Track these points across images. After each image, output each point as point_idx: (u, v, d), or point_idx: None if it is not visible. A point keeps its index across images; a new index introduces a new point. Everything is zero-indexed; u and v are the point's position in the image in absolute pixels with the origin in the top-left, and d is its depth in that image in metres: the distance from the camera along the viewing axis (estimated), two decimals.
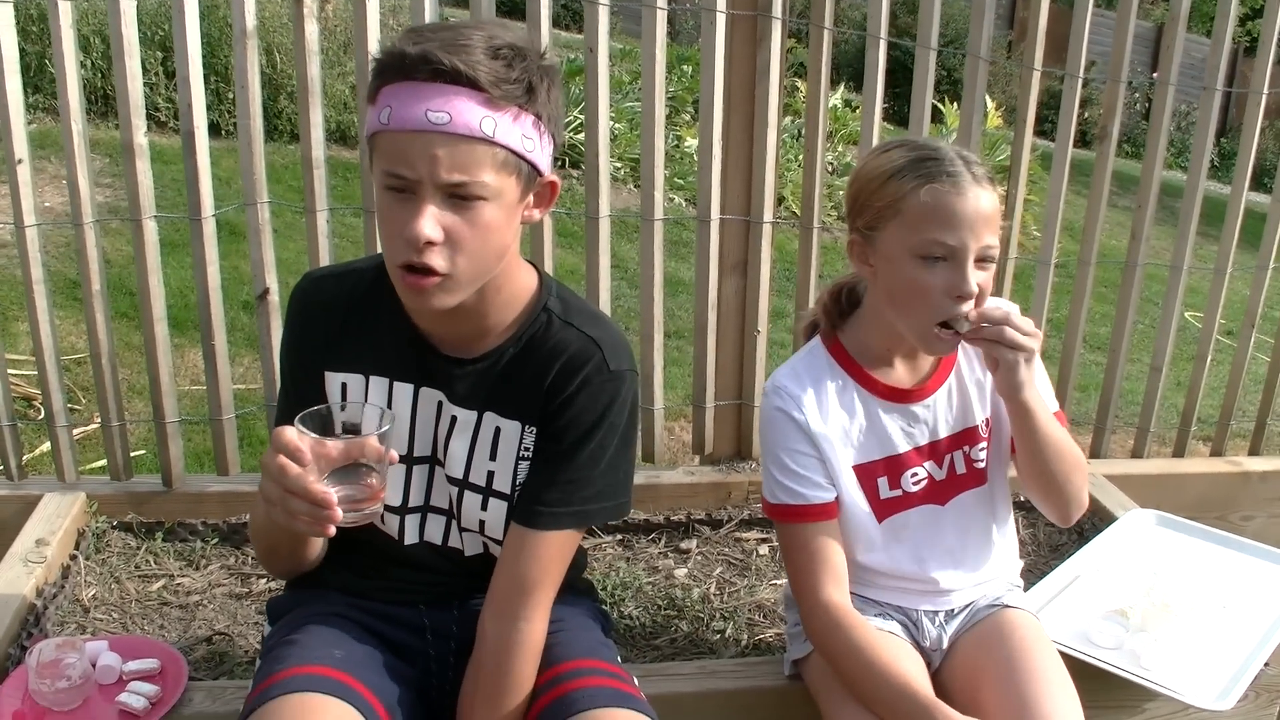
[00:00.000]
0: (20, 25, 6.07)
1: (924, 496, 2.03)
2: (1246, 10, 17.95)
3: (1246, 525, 3.32)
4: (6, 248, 4.77)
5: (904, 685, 1.81)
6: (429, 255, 1.50)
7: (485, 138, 1.48)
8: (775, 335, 4.37)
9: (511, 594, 1.69)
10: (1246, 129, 3.22)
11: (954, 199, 1.79)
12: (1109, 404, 3.36)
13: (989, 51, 2.88)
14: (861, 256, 1.90)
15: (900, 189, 1.81)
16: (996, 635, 2.02)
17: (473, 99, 1.46)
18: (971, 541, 2.08)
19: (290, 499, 1.44)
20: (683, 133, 7.89)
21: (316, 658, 1.65)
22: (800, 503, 1.93)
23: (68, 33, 2.48)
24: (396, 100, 1.47)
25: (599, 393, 1.69)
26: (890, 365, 1.99)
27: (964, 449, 2.05)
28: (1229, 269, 3.32)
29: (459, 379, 1.71)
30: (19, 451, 2.80)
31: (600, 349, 1.69)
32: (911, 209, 1.80)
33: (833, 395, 1.97)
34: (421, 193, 1.48)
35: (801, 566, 1.94)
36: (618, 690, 1.68)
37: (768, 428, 1.97)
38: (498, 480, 1.74)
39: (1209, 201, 3.33)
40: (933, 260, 1.80)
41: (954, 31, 12.46)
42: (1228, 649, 2.26)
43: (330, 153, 2.77)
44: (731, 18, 2.76)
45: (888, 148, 1.89)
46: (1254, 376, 4.36)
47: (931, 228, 1.79)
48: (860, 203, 1.88)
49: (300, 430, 1.45)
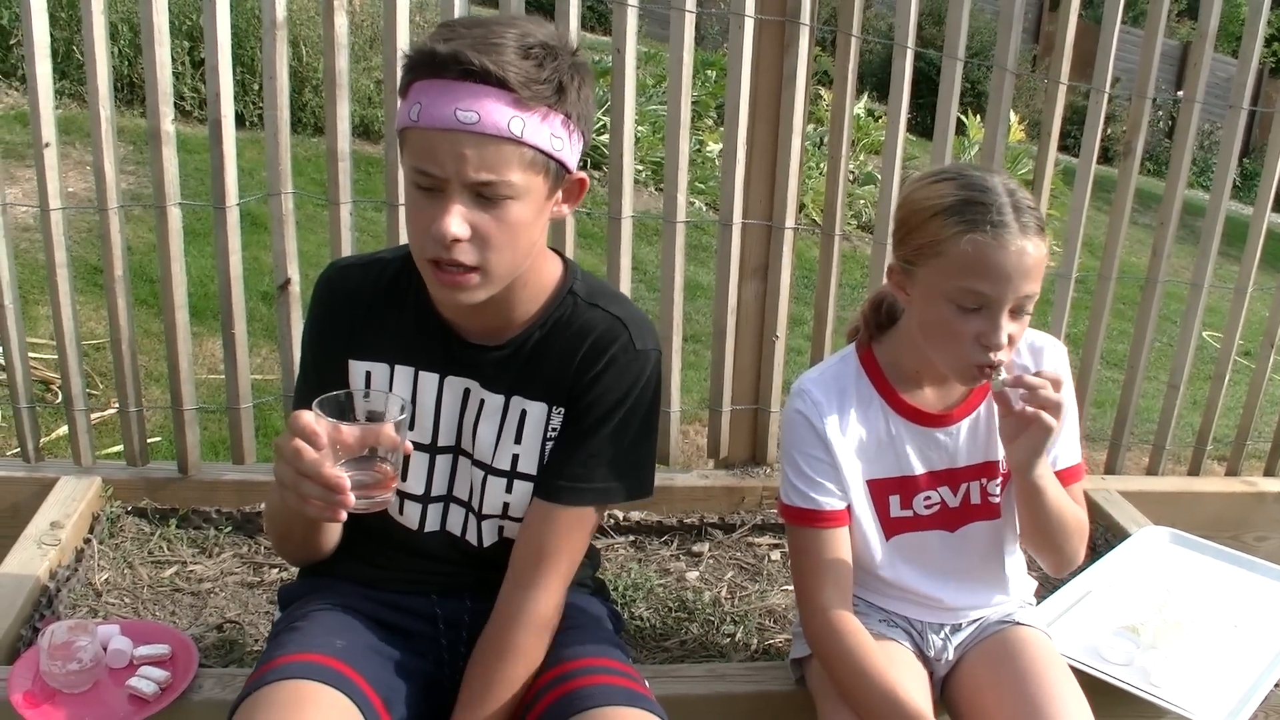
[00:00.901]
0: (50, 11, 6.13)
1: (935, 522, 2.02)
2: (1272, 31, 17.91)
3: (1260, 546, 3.30)
4: (29, 232, 4.80)
5: (892, 694, 1.80)
6: (456, 251, 1.51)
7: (513, 138, 1.48)
8: (793, 342, 4.37)
9: (527, 564, 1.71)
10: (1271, 149, 3.21)
11: (995, 252, 1.73)
12: (1125, 420, 3.36)
13: (1015, 64, 2.88)
14: (899, 284, 1.88)
15: (943, 230, 1.76)
16: (1007, 651, 2.00)
17: (502, 99, 1.47)
18: (980, 568, 2.07)
19: (303, 482, 1.44)
20: (705, 137, 7.90)
21: (317, 646, 1.66)
22: (811, 507, 1.92)
23: (99, 18, 2.50)
24: (426, 98, 1.48)
25: (625, 371, 1.71)
26: (919, 387, 1.98)
27: (981, 481, 2.02)
28: (1249, 289, 3.31)
29: (486, 365, 1.72)
30: (36, 434, 2.81)
31: (627, 328, 1.72)
32: (952, 253, 1.75)
33: (857, 407, 1.95)
34: (449, 190, 1.49)
35: (805, 570, 1.94)
36: (628, 689, 1.68)
37: (787, 428, 1.96)
38: (522, 463, 1.75)
39: (1230, 221, 3.32)
40: (967, 309, 1.77)
41: (979, 44, 12.44)
42: (1238, 668, 2.25)
43: (354, 147, 2.78)
44: (759, 23, 2.76)
45: (939, 178, 1.83)
46: (1270, 398, 4.35)
47: (969, 277, 1.75)
48: (903, 233, 1.85)
49: (318, 414, 1.46)
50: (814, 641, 1.93)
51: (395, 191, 2.69)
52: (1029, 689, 1.89)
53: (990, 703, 1.94)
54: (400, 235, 2.71)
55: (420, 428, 1.75)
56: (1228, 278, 3.36)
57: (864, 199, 7.63)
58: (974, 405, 2.00)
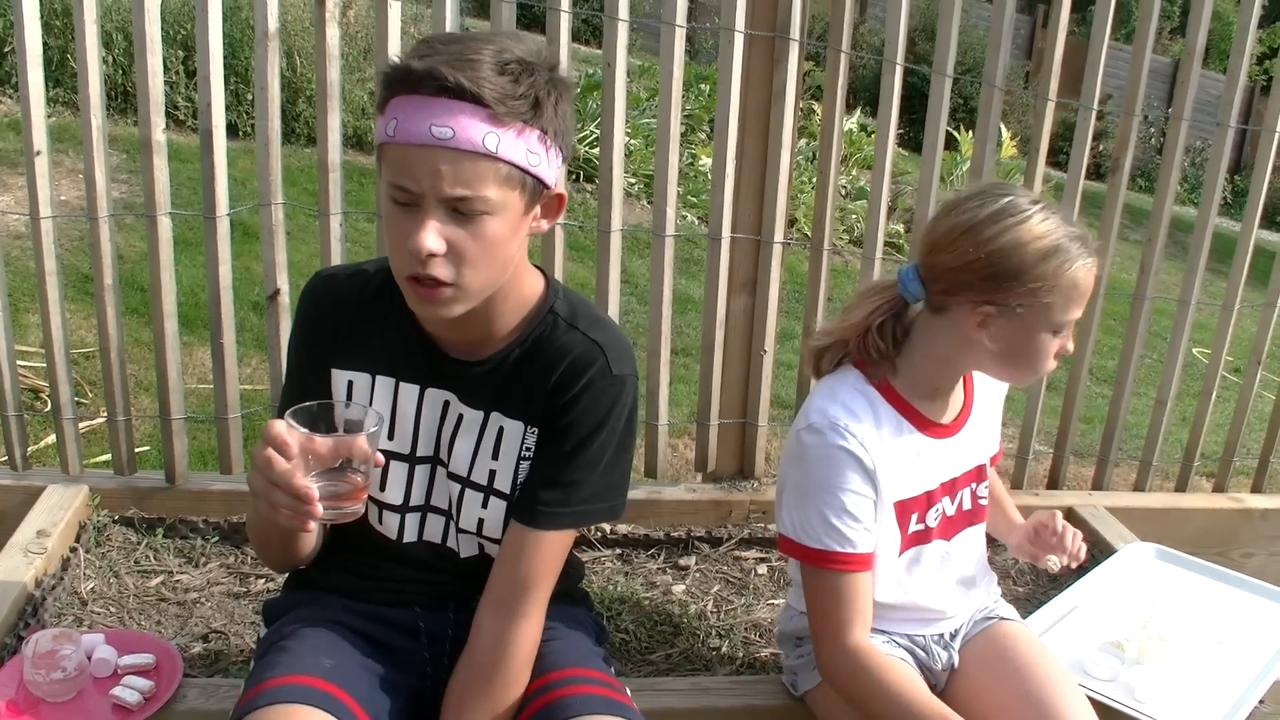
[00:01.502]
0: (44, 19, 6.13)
1: (938, 532, 2.03)
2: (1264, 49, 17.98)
3: (1247, 562, 3.31)
4: (21, 239, 4.79)
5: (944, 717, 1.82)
6: (432, 267, 1.51)
7: (488, 153, 1.48)
8: (784, 356, 4.38)
9: (510, 591, 1.71)
10: (1258, 166, 3.23)
11: (1093, 275, 1.85)
12: (1113, 436, 3.36)
13: (1004, 80, 2.89)
14: (983, 323, 1.85)
15: (1062, 268, 1.80)
16: (998, 650, 2.05)
17: (476, 115, 1.47)
18: (971, 572, 2.12)
19: (273, 491, 1.45)
20: (697, 151, 7.92)
21: (306, 667, 1.66)
22: (848, 551, 1.87)
23: (91, 27, 2.50)
24: (403, 114, 1.48)
25: (601, 396, 1.70)
26: (932, 400, 1.98)
27: (973, 486, 2.07)
28: (1237, 305, 3.32)
29: (466, 379, 1.72)
30: (24, 442, 2.81)
31: (604, 353, 1.71)
32: (1066, 287, 1.81)
33: (888, 431, 1.92)
34: (425, 205, 1.49)
35: (830, 611, 1.91)
36: (608, 698, 1.68)
37: (824, 467, 1.88)
38: (499, 480, 1.75)
39: (1221, 238, 3.33)
40: (1059, 333, 1.87)
41: (972, 60, 12.49)
42: (1223, 684, 2.25)
43: (347, 158, 2.79)
44: (749, 38, 2.77)
45: (1026, 214, 1.82)
46: (1259, 414, 4.36)
47: (1078, 306, 1.85)
48: (1009, 276, 1.81)
49: (290, 425, 1.46)
50: (844, 680, 1.91)
51: (384, 202, 2.69)
52: (1031, 688, 1.93)
53: (994, 700, 1.97)
54: None
55: (400, 438, 1.76)
56: (1218, 294, 3.37)
57: (856, 214, 7.65)
58: (968, 412, 2.04)
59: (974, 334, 1.86)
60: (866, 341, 1.94)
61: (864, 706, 1.90)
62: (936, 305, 1.90)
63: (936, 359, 1.94)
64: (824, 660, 1.93)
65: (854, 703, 1.92)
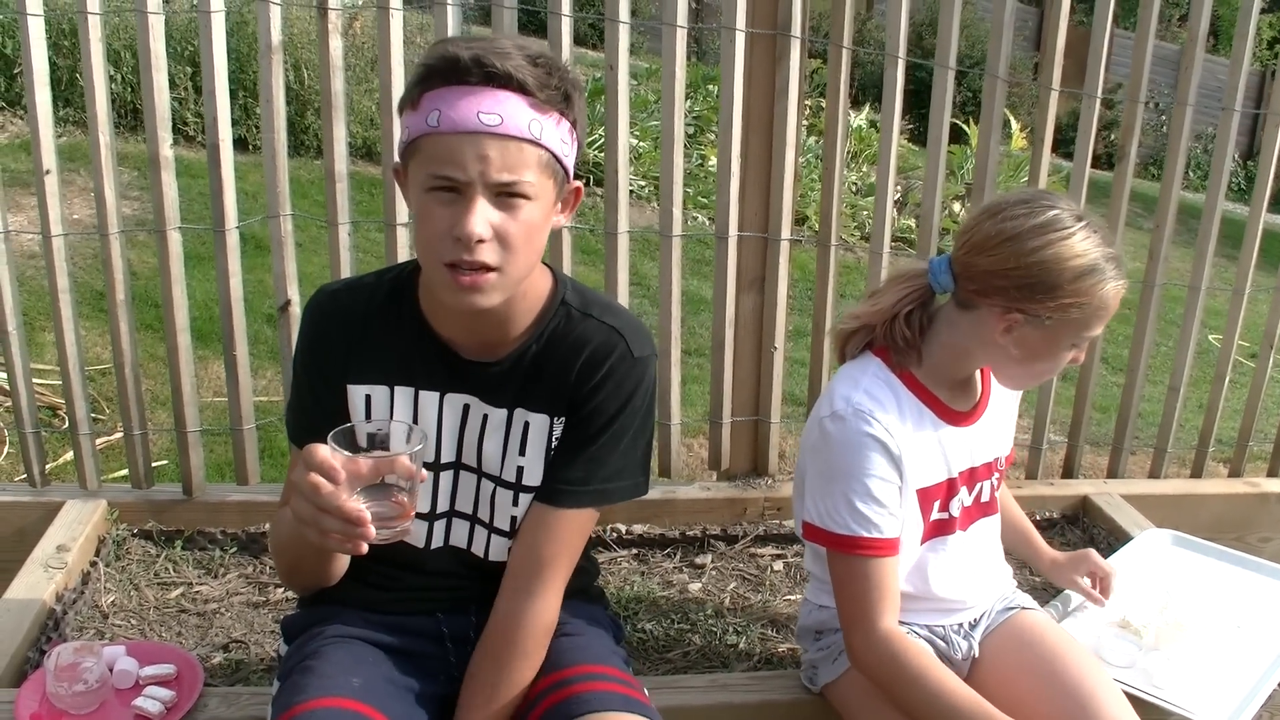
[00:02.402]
0: (52, 40, 6.19)
1: (959, 522, 2.05)
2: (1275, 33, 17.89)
3: (1265, 547, 3.30)
4: (35, 259, 4.83)
5: (978, 707, 1.82)
6: (480, 252, 1.54)
7: (533, 139, 1.53)
8: (796, 353, 4.38)
9: (527, 570, 1.73)
10: (1265, 150, 3.22)
11: (1120, 297, 1.89)
12: (1127, 424, 3.36)
13: (1007, 71, 2.89)
14: (1009, 328, 1.87)
15: (1096, 287, 1.83)
16: (1024, 639, 2.06)
17: (523, 101, 1.52)
18: (989, 561, 2.14)
19: (323, 517, 1.42)
20: (707, 151, 7.92)
21: (334, 688, 1.66)
22: (876, 536, 1.89)
23: (96, 45, 2.53)
24: (445, 103, 1.51)
25: (625, 380, 1.73)
26: (951, 390, 2.01)
27: (991, 480, 2.10)
28: (1248, 289, 3.31)
29: (486, 380, 1.74)
30: (42, 459, 2.83)
31: (624, 337, 1.74)
32: (1096, 305, 1.85)
33: (910, 419, 1.94)
34: (470, 193, 1.52)
35: (858, 596, 1.91)
36: (625, 695, 1.69)
37: (850, 454, 1.89)
38: (527, 475, 1.76)
39: (1232, 223, 3.32)
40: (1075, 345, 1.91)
41: (980, 53, 12.45)
42: (1241, 669, 2.25)
43: (356, 168, 2.81)
44: (751, 36, 2.78)
45: (1068, 230, 1.84)
46: (1274, 398, 4.35)
47: (1102, 322, 1.89)
48: (1044, 289, 1.83)
49: (333, 448, 1.45)
50: (876, 667, 1.92)
51: (394, 212, 2.71)
52: (1059, 674, 1.94)
53: (1023, 689, 1.98)
54: (400, 256, 2.73)
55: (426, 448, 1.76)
56: (1231, 280, 3.36)
57: (866, 210, 7.65)
58: (985, 404, 2.06)
59: (999, 337, 1.88)
60: (893, 329, 1.97)
61: (895, 693, 1.90)
62: (965, 302, 1.92)
63: (956, 352, 1.97)
64: (855, 647, 1.94)
65: (885, 689, 1.92)
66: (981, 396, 2.06)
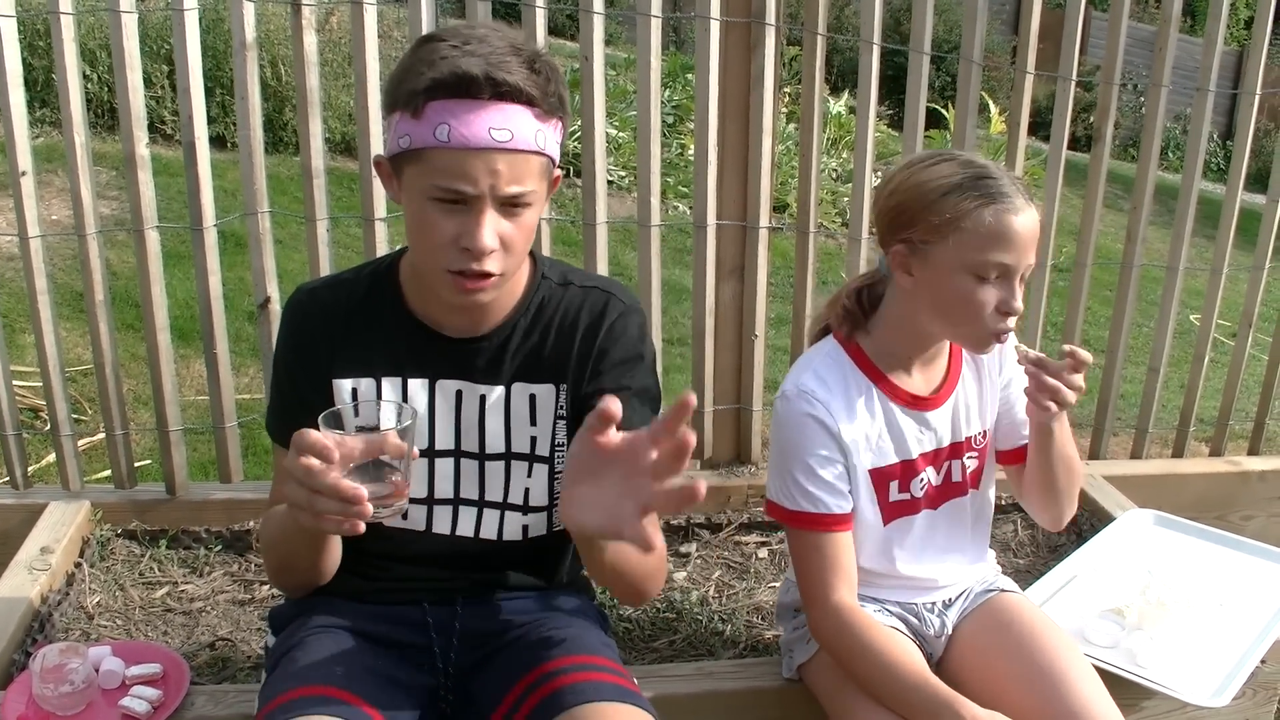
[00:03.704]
0: (28, 40, 6.15)
1: (924, 502, 2.06)
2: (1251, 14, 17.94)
3: (1246, 525, 3.32)
4: (13, 261, 4.81)
5: (923, 681, 1.84)
6: (488, 262, 1.56)
7: (538, 150, 1.56)
8: (779, 341, 4.39)
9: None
10: (1240, 129, 3.24)
11: (1014, 220, 1.83)
12: (1107, 405, 3.37)
13: (982, 55, 2.90)
14: (903, 265, 1.90)
15: (961, 206, 1.83)
16: (1001, 620, 2.06)
17: (529, 113, 1.54)
18: (962, 540, 2.13)
19: (317, 499, 1.41)
20: (686, 141, 7.91)
21: (319, 676, 1.66)
22: (822, 511, 1.93)
23: (70, 46, 2.51)
24: (454, 118, 1.51)
25: (629, 325, 1.79)
26: (908, 372, 2.01)
27: (962, 459, 2.09)
28: (1225, 269, 3.33)
29: (475, 359, 1.74)
30: (24, 460, 2.82)
31: (610, 293, 1.79)
32: (973, 227, 1.83)
33: (858, 400, 1.97)
34: (480, 205, 1.54)
35: (813, 571, 1.95)
36: (618, 685, 1.69)
37: (794, 433, 1.95)
38: (540, 445, 1.78)
39: (1210, 203, 3.33)
40: (987, 279, 1.85)
41: (956, 37, 12.46)
42: (1224, 646, 2.27)
43: (335, 164, 2.80)
44: (725, 25, 2.78)
45: (934, 160, 1.90)
46: (1254, 376, 4.37)
47: (992, 248, 1.83)
48: (910, 214, 1.88)
49: (324, 429, 1.44)
50: (831, 639, 1.95)
51: (373, 207, 2.70)
52: (1038, 658, 1.94)
53: (999, 671, 1.98)
54: (380, 250, 2.72)
55: (419, 434, 1.76)
56: (1210, 260, 3.38)
57: (846, 196, 7.64)
58: (954, 385, 2.05)
59: (902, 281, 1.92)
60: (841, 302, 2.03)
61: (849, 666, 1.93)
62: (887, 268, 1.97)
63: (894, 321, 1.99)
64: (813, 621, 1.98)
65: (839, 661, 1.95)
66: (948, 378, 2.05)
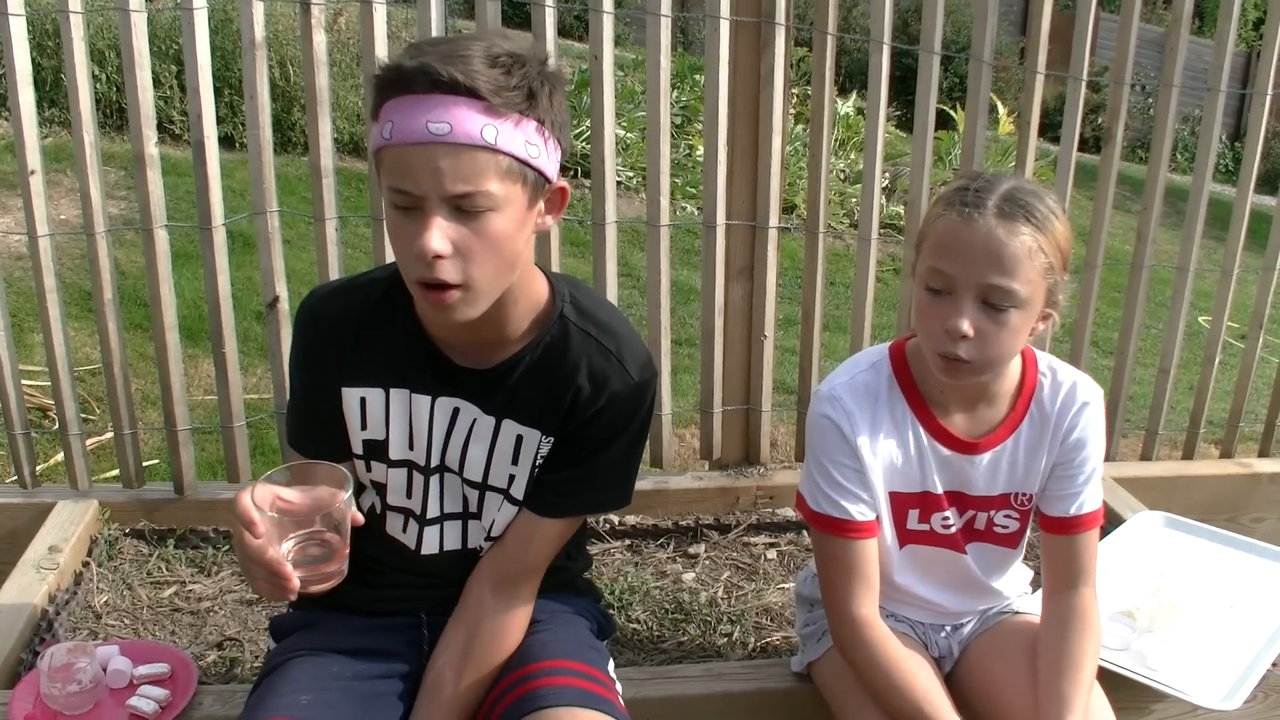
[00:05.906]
0: (37, 40, 6.16)
1: (947, 540, 2.00)
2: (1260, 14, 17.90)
3: (1257, 527, 3.31)
4: (22, 260, 4.81)
5: (920, 706, 1.82)
6: (439, 269, 1.50)
7: (487, 145, 1.47)
8: (788, 341, 4.38)
9: (515, 574, 1.76)
10: (1251, 130, 3.23)
11: (961, 229, 1.71)
12: (1117, 407, 3.36)
13: (992, 56, 2.89)
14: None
15: (931, 214, 1.80)
16: (1013, 641, 2.01)
17: (472, 107, 1.46)
18: (982, 582, 2.06)
19: (250, 565, 1.47)
20: (695, 142, 7.91)
21: (284, 706, 1.66)
22: (843, 517, 1.88)
23: (79, 45, 2.51)
24: (398, 114, 1.48)
25: (625, 406, 1.72)
26: (948, 411, 1.92)
27: (990, 513, 1.99)
28: (1235, 270, 3.32)
29: (477, 387, 1.72)
30: (32, 460, 2.83)
31: (622, 362, 1.71)
32: (932, 234, 1.78)
33: (887, 421, 1.90)
34: (427, 207, 1.48)
35: (835, 578, 1.92)
36: (586, 691, 1.68)
37: (816, 433, 1.91)
38: (516, 485, 1.76)
39: (1220, 205, 3.32)
40: (935, 290, 1.76)
41: (965, 38, 12.45)
42: (1235, 649, 2.26)
43: (343, 163, 2.80)
44: (735, 25, 2.77)
45: (959, 176, 1.88)
46: (1264, 379, 4.35)
47: (936, 255, 1.75)
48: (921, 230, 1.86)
49: (263, 482, 1.48)
50: (845, 647, 1.92)
51: (379, 206, 2.70)
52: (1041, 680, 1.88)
53: (1008, 691, 1.95)
54: (388, 251, 2.71)
55: (418, 449, 1.75)
56: (1220, 261, 3.36)
57: (855, 197, 7.64)
58: (1005, 436, 1.93)
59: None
60: None
61: (862, 676, 1.91)
62: None
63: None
64: (833, 626, 1.95)
65: (854, 669, 1.93)
66: (1001, 427, 1.93)
